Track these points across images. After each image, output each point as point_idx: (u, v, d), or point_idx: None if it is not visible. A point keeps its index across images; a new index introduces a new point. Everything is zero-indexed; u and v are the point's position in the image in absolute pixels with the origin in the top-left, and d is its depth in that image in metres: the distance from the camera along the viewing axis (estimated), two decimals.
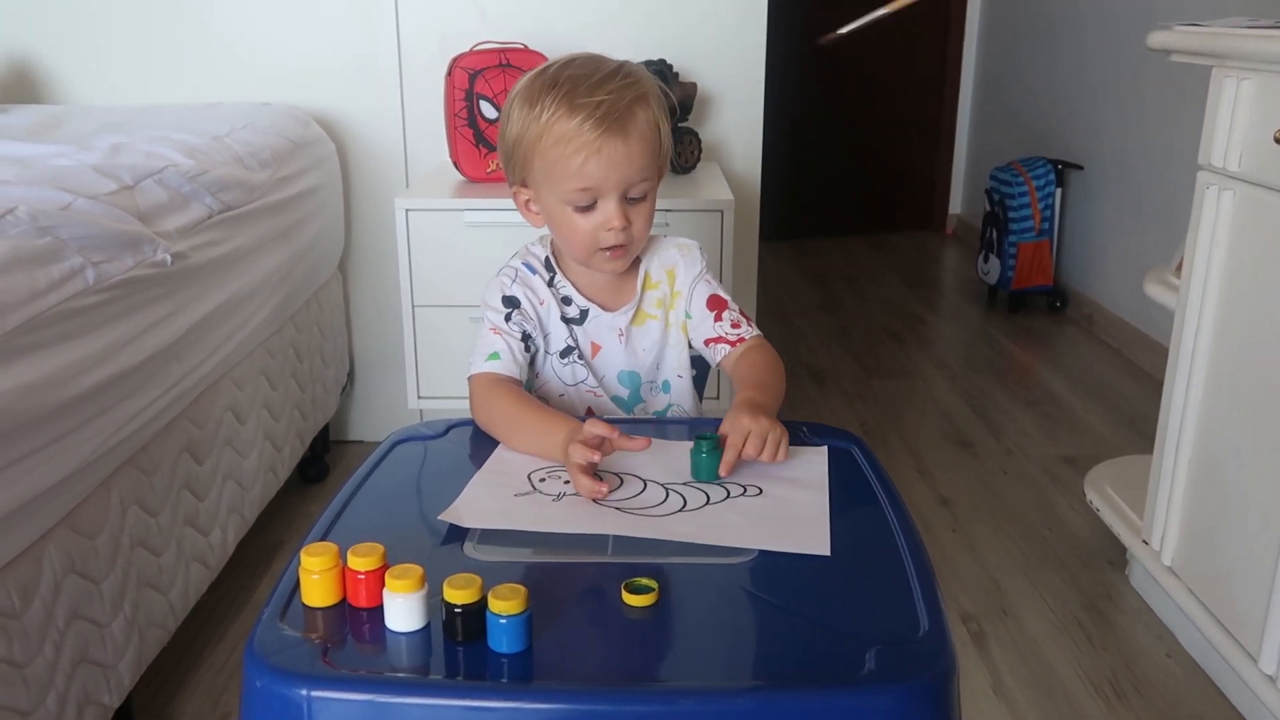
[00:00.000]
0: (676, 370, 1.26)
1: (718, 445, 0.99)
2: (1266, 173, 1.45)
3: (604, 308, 1.22)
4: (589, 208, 1.12)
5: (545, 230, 1.21)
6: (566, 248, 1.19)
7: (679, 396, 1.27)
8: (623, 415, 1.25)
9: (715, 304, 1.23)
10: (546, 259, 1.22)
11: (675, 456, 1.02)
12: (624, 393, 1.25)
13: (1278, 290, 1.44)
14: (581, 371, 1.22)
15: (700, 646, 0.76)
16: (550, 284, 1.21)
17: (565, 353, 1.22)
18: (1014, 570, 1.96)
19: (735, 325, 1.22)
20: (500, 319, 1.18)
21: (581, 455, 0.95)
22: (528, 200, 1.18)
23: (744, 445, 0.99)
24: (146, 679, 1.49)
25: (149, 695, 1.56)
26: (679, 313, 1.24)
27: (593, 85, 1.08)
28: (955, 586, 1.90)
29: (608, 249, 1.14)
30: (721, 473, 0.98)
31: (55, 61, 2.25)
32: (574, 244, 1.15)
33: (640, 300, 1.23)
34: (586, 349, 1.22)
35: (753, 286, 2.33)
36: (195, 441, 1.55)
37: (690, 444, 0.99)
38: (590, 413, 1.24)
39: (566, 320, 1.21)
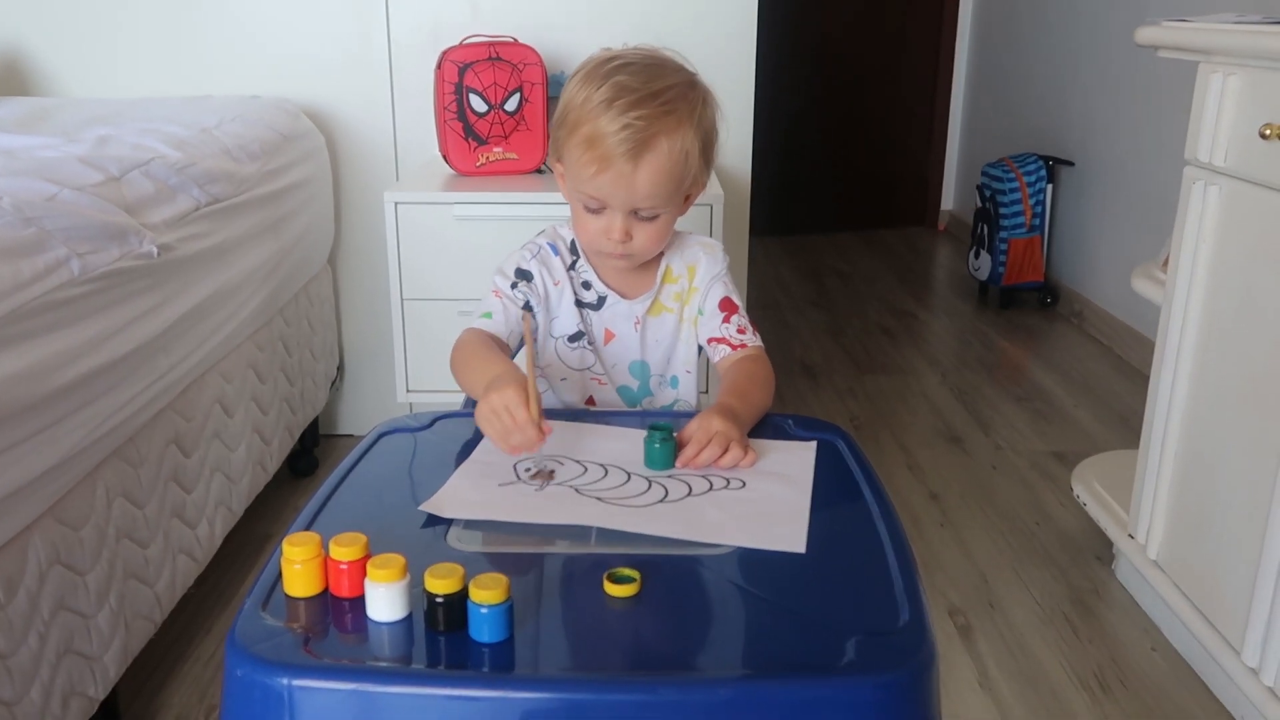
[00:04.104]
0: (685, 365, 1.28)
1: (670, 436, 0.99)
2: (1253, 168, 1.46)
3: (622, 295, 1.24)
4: (597, 211, 1.14)
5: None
6: (577, 236, 1.22)
7: (685, 392, 1.29)
8: (625, 407, 1.26)
9: (727, 306, 1.25)
10: (572, 242, 1.25)
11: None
12: (634, 384, 1.27)
13: (1263, 285, 1.44)
14: (589, 357, 1.24)
15: (682, 637, 0.77)
16: (572, 267, 1.24)
17: (575, 337, 1.23)
18: (1002, 564, 1.96)
19: (741, 331, 1.24)
20: (506, 285, 1.22)
21: (508, 414, 0.98)
22: (562, 174, 1.20)
23: (706, 445, 1.00)
24: (133, 671, 1.49)
25: (135, 687, 1.56)
26: (693, 308, 1.26)
27: (631, 101, 1.08)
28: (943, 580, 1.90)
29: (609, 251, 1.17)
30: (678, 464, 0.99)
31: (44, 54, 2.24)
32: (582, 236, 1.20)
33: (658, 292, 1.25)
34: (599, 336, 1.24)
35: (744, 282, 2.33)
36: (182, 434, 1.55)
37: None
38: (591, 401, 1.25)
39: (582, 305, 1.23)
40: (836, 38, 4.64)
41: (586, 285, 1.23)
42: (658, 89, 1.09)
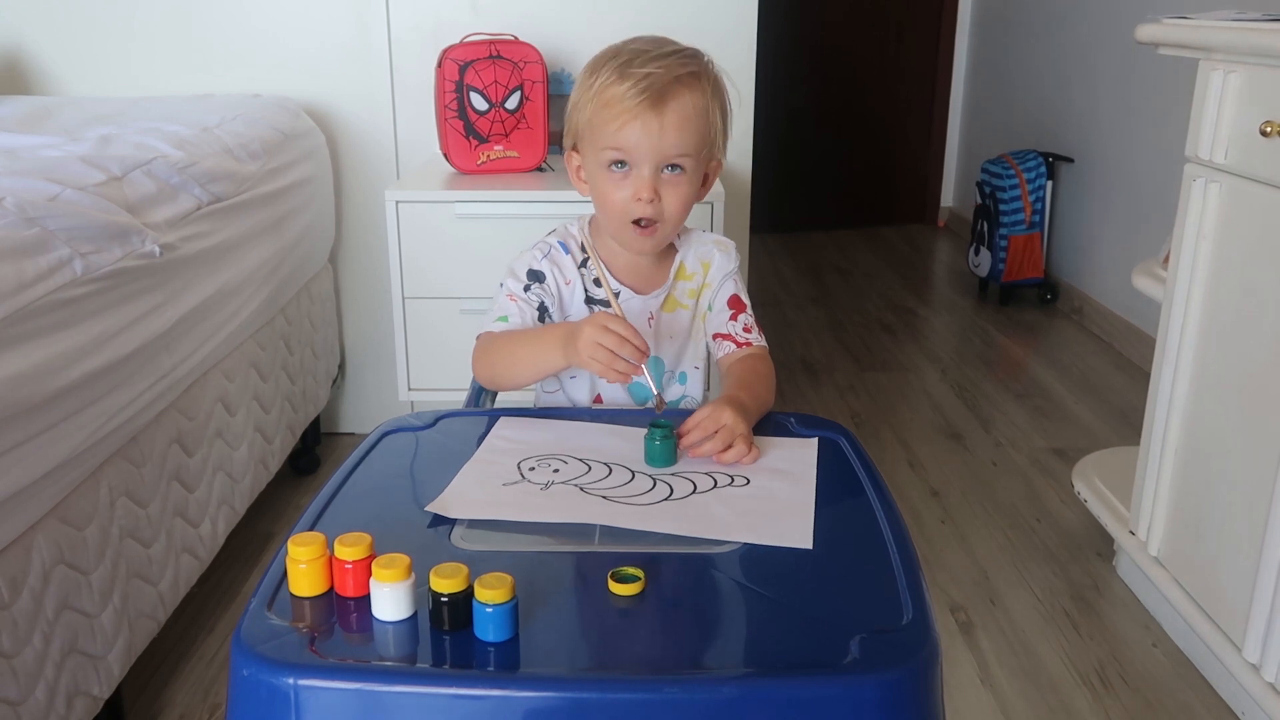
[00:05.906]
0: (694, 361, 1.29)
1: (670, 433, 0.99)
2: (1253, 165, 1.46)
3: (636, 291, 1.24)
4: (624, 175, 1.14)
5: (585, 211, 1.25)
6: (602, 218, 1.21)
7: (692, 388, 1.29)
8: (635, 405, 1.26)
9: (735, 304, 1.26)
10: (582, 242, 1.24)
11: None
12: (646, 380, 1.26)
13: (1263, 282, 1.44)
14: None
15: (686, 635, 0.77)
16: (583, 265, 1.23)
17: None
18: (1003, 561, 1.97)
19: (747, 329, 1.24)
20: (519, 288, 1.21)
21: (610, 331, 1.03)
22: (578, 166, 1.20)
23: (712, 435, 1.00)
24: (136, 670, 1.49)
25: (139, 686, 1.56)
26: (704, 304, 1.27)
27: (648, 59, 1.11)
28: (944, 577, 1.91)
29: (639, 224, 1.15)
30: (681, 445, 1.00)
31: (46, 53, 2.24)
32: (608, 212, 1.18)
33: (672, 287, 1.25)
34: None
35: (745, 279, 2.33)
36: (185, 433, 1.55)
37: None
38: (598, 400, 1.25)
39: (594, 302, 1.23)
40: (836, 34, 4.64)
41: (598, 283, 1.23)
42: (671, 49, 1.13)
